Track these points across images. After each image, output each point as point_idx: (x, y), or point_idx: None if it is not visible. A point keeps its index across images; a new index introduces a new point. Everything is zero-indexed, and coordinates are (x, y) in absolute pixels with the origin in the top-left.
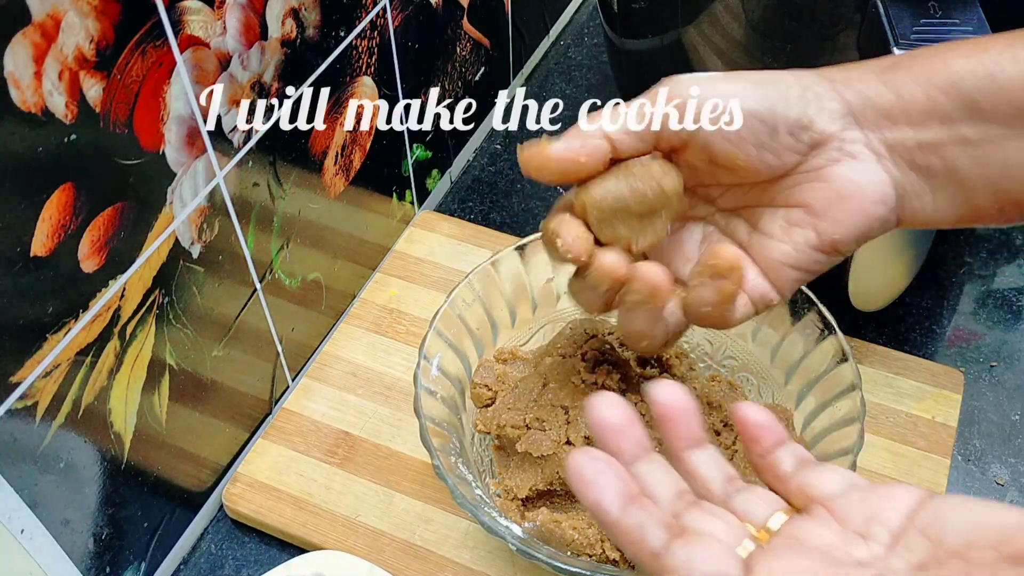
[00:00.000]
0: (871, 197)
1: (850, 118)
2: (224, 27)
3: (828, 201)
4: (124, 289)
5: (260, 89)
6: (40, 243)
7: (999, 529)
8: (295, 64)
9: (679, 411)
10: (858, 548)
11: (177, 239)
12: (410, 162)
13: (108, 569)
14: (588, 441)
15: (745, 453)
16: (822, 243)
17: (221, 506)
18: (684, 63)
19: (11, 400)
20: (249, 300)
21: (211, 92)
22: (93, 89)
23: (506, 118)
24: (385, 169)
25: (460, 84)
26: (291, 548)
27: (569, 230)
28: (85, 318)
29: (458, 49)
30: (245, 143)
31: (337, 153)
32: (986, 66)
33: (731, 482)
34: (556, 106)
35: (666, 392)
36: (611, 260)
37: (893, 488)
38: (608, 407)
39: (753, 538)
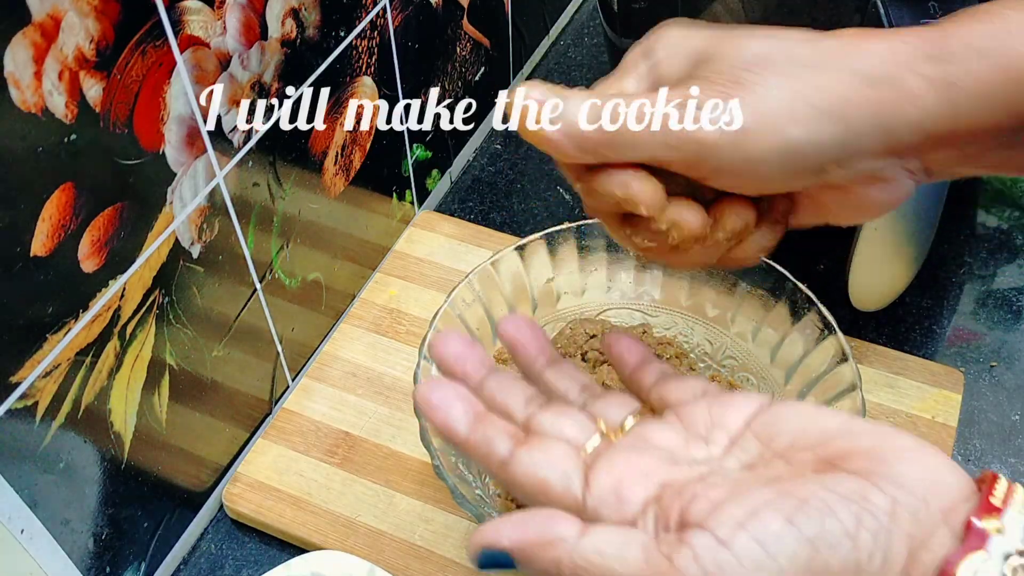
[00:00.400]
0: (889, 205)
1: (894, 155)
2: (224, 27)
3: (838, 205)
4: (124, 289)
5: (260, 89)
6: (40, 243)
7: (820, 432)
8: (295, 64)
9: (526, 336)
10: (698, 449)
11: (177, 239)
12: (410, 162)
13: (108, 569)
14: None
15: (619, 375)
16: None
17: (221, 506)
18: None
19: (11, 400)
20: (249, 300)
21: (211, 92)
22: (93, 89)
23: (505, 119)
24: (385, 169)
25: (460, 84)
26: (291, 548)
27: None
28: (85, 318)
29: (458, 49)
30: (245, 143)
31: (337, 153)
32: None
33: (587, 390)
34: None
35: (510, 324)
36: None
37: (737, 396)
38: (444, 343)
39: (602, 434)
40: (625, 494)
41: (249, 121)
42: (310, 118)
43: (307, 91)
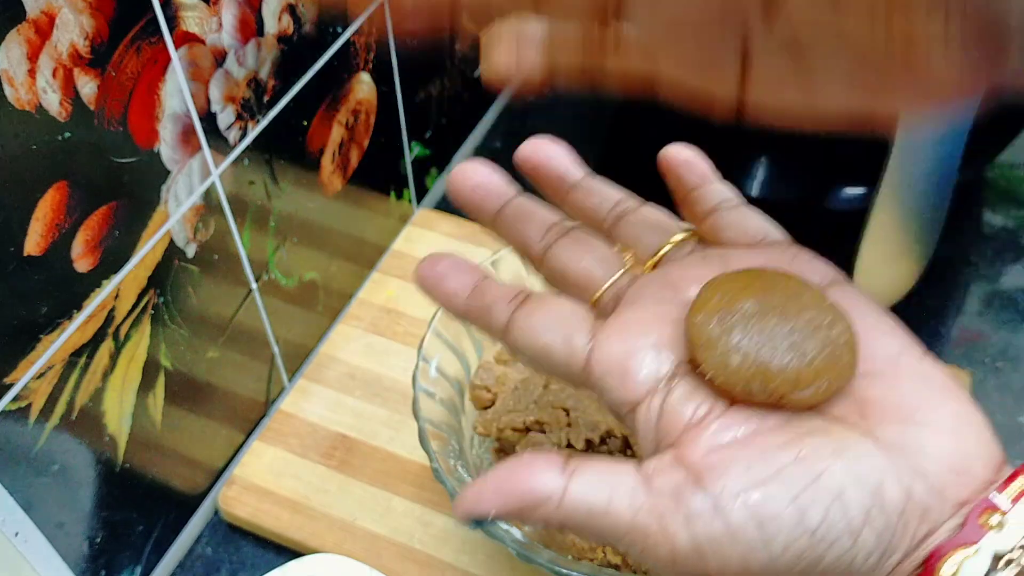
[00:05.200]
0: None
1: None
2: (220, 23)
3: None
4: (118, 289)
5: (256, 86)
6: (33, 242)
7: (877, 349)
8: (292, 60)
9: (551, 158)
10: None
11: (172, 238)
12: (408, 160)
13: (103, 573)
14: (589, 443)
15: (673, 197)
16: None
17: (217, 509)
18: None
19: (4, 401)
20: (245, 300)
21: (207, 89)
22: (87, 87)
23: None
24: (383, 167)
25: (459, 81)
26: (288, 552)
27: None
28: (79, 318)
29: (457, 45)
30: (241, 141)
31: (334, 151)
32: None
33: (622, 204)
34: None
35: (530, 147)
36: None
37: (811, 259)
38: (465, 172)
39: (628, 269)
40: (632, 370)
41: (245, 118)
42: (307, 115)
43: (304, 88)
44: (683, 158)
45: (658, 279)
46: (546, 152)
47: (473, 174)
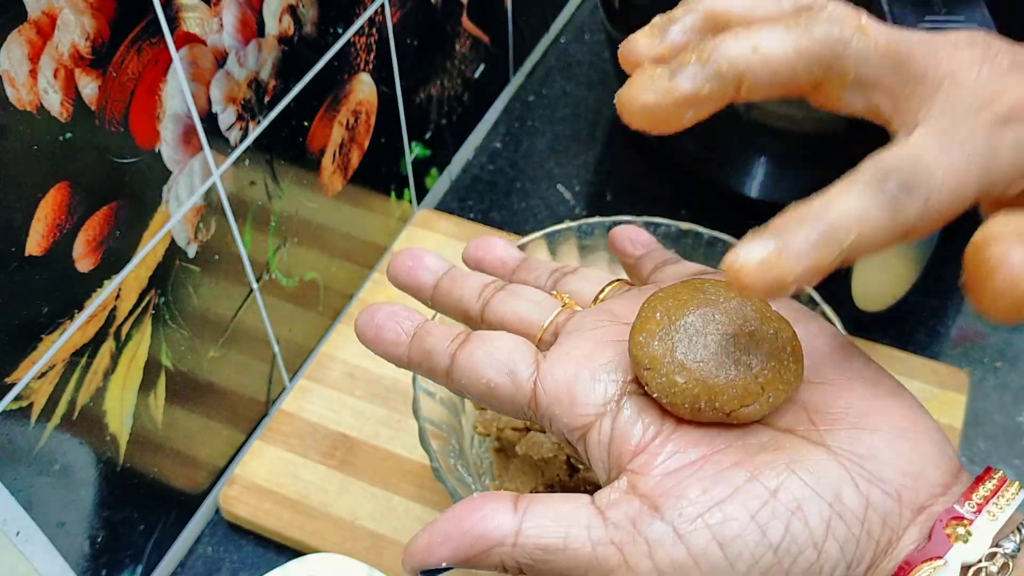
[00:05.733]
0: None
1: None
2: (221, 24)
3: None
4: (119, 289)
5: (257, 86)
6: (35, 242)
7: (823, 352)
8: (293, 61)
9: (492, 247)
10: None
11: (173, 238)
12: (409, 160)
13: (104, 572)
14: None
15: (624, 267)
16: None
17: (218, 509)
18: None
19: (6, 401)
20: (246, 300)
21: (208, 90)
22: (89, 87)
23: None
24: (383, 167)
25: (459, 81)
26: (288, 551)
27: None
28: (80, 318)
29: (457, 46)
30: (242, 141)
31: (335, 151)
32: None
33: (557, 271)
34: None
35: (471, 246)
36: None
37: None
38: (396, 265)
39: (566, 306)
40: (579, 394)
41: (246, 119)
42: (308, 116)
43: (305, 88)
44: (627, 235)
45: (596, 311)
46: (486, 245)
47: (407, 257)
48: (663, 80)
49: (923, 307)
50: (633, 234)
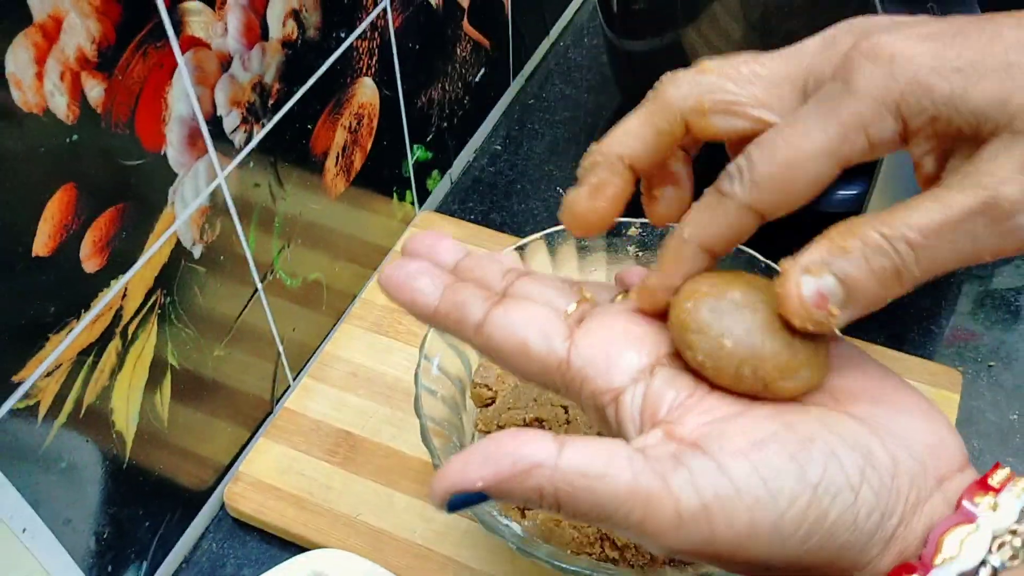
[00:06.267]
0: None
1: None
2: (225, 28)
3: None
4: (126, 289)
5: (261, 90)
6: (42, 243)
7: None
8: (296, 65)
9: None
10: None
11: (179, 239)
12: (410, 163)
13: (110, 568)
14: None
15: None
16: None
17: (222, 505)
18: (684, 63)
19: (13, 400)
20: (250, 300)
21: (212, 93)
22: (94, 90)
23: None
24: (385, 170)
25: (460, 85)
26: (292, 547)
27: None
28: (87, 318)
29: (458, 50)
30: (246, 144)
31: (338, 154)
32: None
33: (568, 283)
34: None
35: (415, 241)
36: None
37: None
38: (415, 239)
39: (584, 300)
40: (615, 356)
41: (250, 122)
42: (311, 119)
43: (308, 92)
44: (634, 274)
45: (620, 306)
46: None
47: (427, 235)
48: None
49: (917, 307)
50: (636, 273)
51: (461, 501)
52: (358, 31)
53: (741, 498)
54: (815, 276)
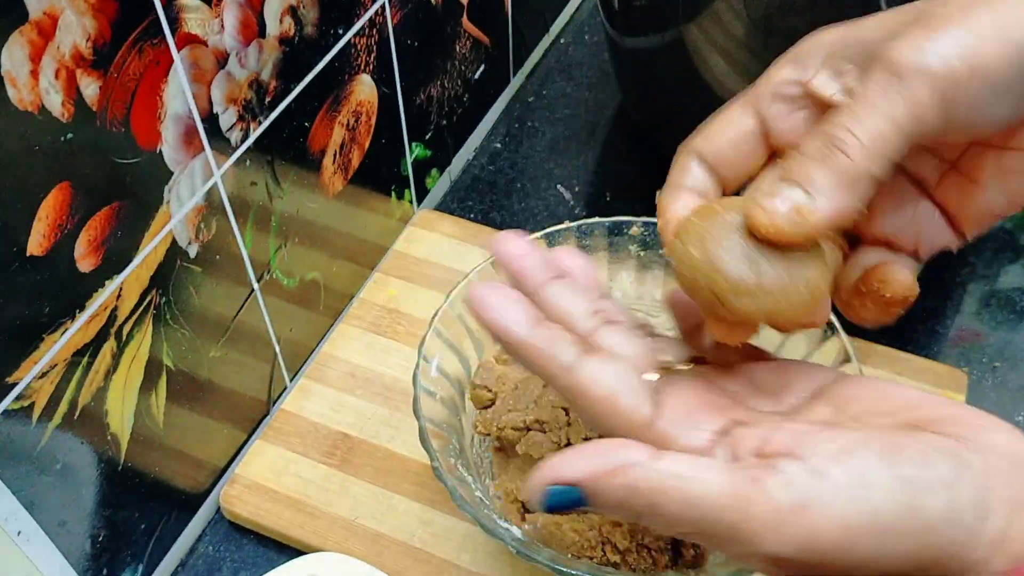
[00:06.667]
0: None
1: None
2: (222, 25)
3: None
4: (121, 289)
5: (258, 87)
6: (36, 242)
7: (898, 400)
8: (293, 62)
9: (524, 252)
10: (766, 403)
11: (174, 239)
12: (409, 161)
13: (105, 571)
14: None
15: (680, 328)
16: None
17: (219, 508)
18: (685, 61)
19: (7, 401)
20: (247, 300)
21: (209, 90)
22: (90, 88)
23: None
24: (384, 168)
25: (460, 82)
26: (289, 550)
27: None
28: (82, 318)
29: (457, 47)
30: (243, 142)
31: (335, 152)
32: None
33: (639, 326)
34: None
35: (507, 244)
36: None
37: (810, 366)
38: (507, 240)
39: (662, 369)
40: (698, 418)
41: (247, 119)
42: (308, 117)
43: (305, 89)
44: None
45: (692, 372)
46: (521, 250)
47: (515, 243)
48: None
49: (922, 307)
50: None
51: (559, 502)
52: (356, 27)
53: (837, 494)
54: (778, 188)
